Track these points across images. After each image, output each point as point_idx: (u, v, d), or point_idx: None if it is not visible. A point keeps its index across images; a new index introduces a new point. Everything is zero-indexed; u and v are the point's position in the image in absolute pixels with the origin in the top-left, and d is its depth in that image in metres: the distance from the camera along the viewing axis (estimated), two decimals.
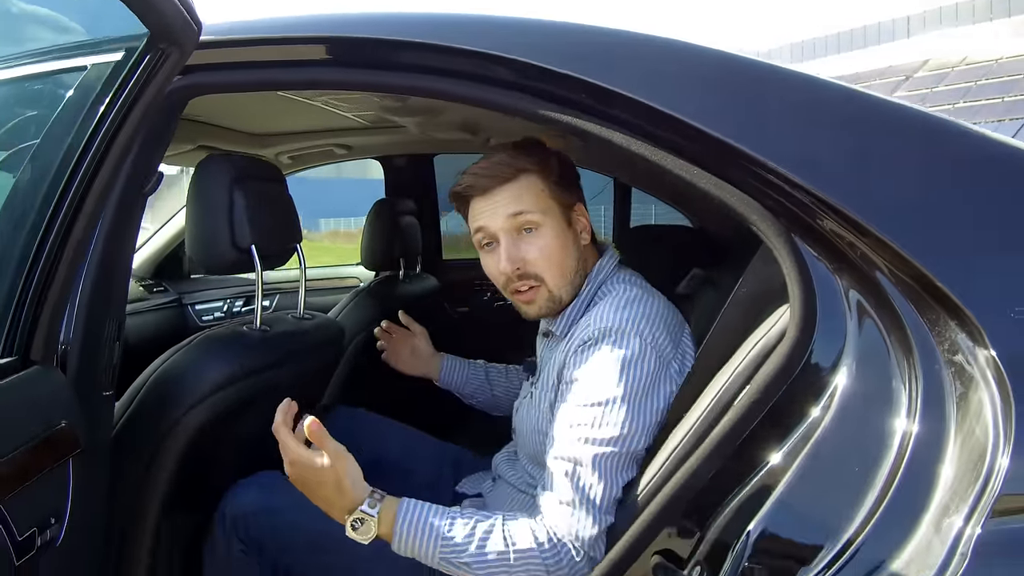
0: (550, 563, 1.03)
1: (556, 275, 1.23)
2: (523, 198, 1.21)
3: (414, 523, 1.06)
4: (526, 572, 1.04)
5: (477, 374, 1.80)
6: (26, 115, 1.29)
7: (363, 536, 1.05)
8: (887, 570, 0.75)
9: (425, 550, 1.05)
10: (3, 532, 0.82)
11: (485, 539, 1.05)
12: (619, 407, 1.07)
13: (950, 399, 0.79)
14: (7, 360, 0.92)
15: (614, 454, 1.06)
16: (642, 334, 1.11)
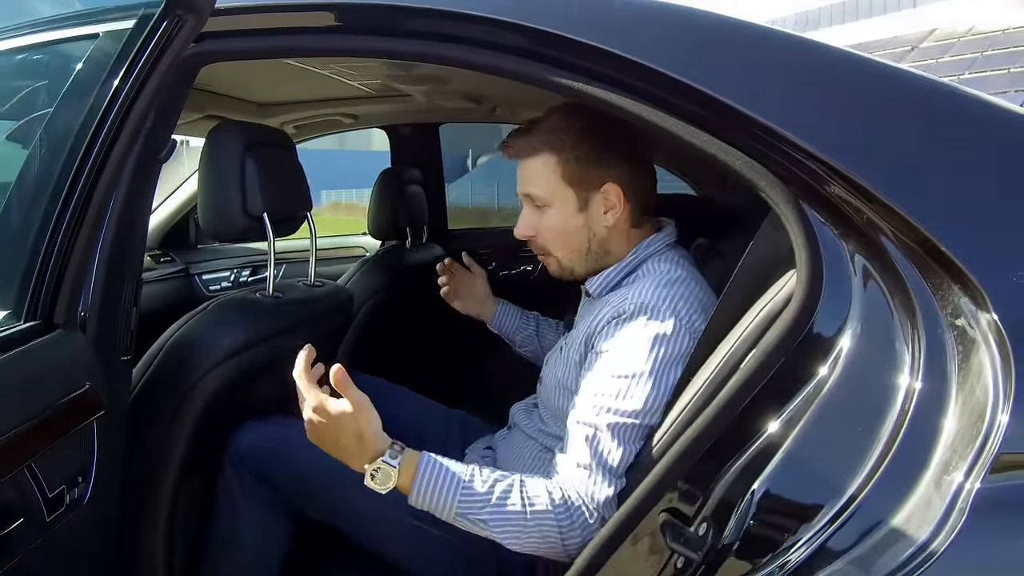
0: (564, 524, 1.06)
1: (561, 251, 1.28)
2: (534, 179, 1.25)
3: (434, 476, 1.07)
4: (539, 532, 1.06)
5: (528, 324, 1.84)
6: (36, 85, 1.30)
7: (381, 486, 1.06)
8: (888, 525, 0.78)
9: (443, 503, 1.07)
10: (35, 488, 0.85)
11: (504, 497, 1.07)
12: (645, 381, 1.09)
13: (952, 360, 0.81)
14: (32, 324, 0.94)
15: (633, 425, 1.08)
16: (678, 313, 1.12)
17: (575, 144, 1.22)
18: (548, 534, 1.06)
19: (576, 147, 1.22)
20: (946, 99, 0.91)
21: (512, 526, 1.06)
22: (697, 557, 0.88)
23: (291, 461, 1.31)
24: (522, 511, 1.06)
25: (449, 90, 2.02)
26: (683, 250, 1.32)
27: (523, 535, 1.06)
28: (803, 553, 0.81)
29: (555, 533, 1.06)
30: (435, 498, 1.07)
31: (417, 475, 1.07)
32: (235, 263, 3.05)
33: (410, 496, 1.08)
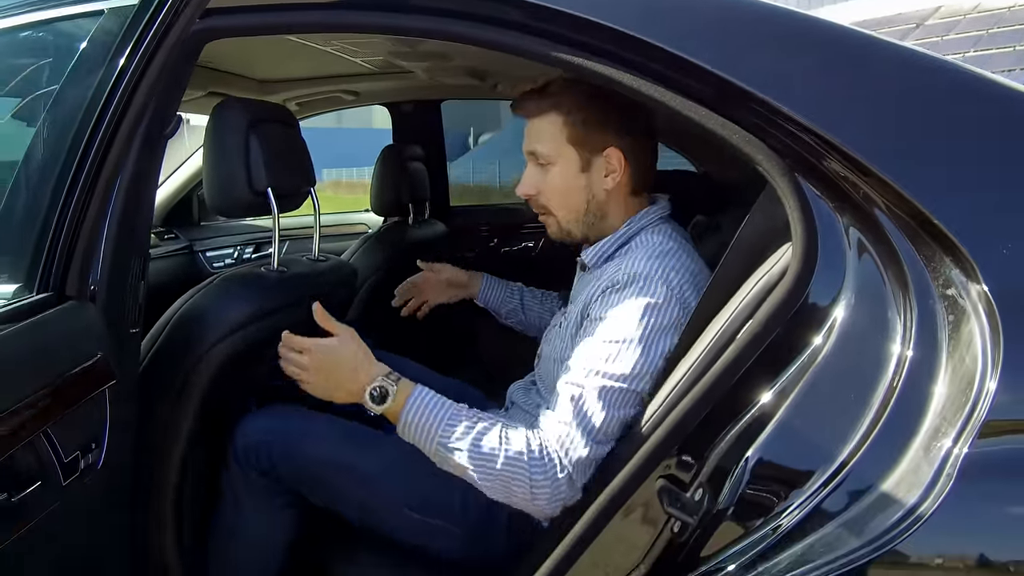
0: (535, 473, 1.09)
1: (561, 211, 1.32)
2: (540, 136, 1.29)
3: (427, 402, 1.14)
4: (510, 475, 1.10)
5: (512, 297, 1.89)
6: (41, 62, 1.30)
7: (379, 405, 1.14)
8: (878, 490, 0.81)
9: (428, 431, 1.13)
10: (51, 453, 0.87)
11: (483, 434, 1.11)
12: (634, 347, 1.11)
13: (943, 330, 0.83)
14: (45, 295, 0.97)
15: (620, 389, 1.10)
16: (670, 283, 1.15)
17: (581, 107, 1.25)
18: (518, 479, 1.09)
19: (582, 110, 1.25)
20: (942, 75, 0.92)
21: (486, 464, 1.10)
22: (693, 521, 0.91)
23: (294, 453, 1.33)
24: (497, 449, 1.10)
25: (451, 67, 2.03)
26: (676, 224, 1.35)
27: (494, 476, 1.10)
28: (795, 517, 0.84)
29: (525, 480, 1.09)
30: (422, 423, 1.13)
31: (410, 398, 1.14)
32: (238, 240, 3.08)
33: (399, 421, 1.15)
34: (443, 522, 1.31)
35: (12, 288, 1.02)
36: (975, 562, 0.78)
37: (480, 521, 1.30)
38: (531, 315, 1.88)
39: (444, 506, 1.30)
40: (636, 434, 1.08)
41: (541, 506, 1.11)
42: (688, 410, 0.94)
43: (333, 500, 1.36)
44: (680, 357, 1.06)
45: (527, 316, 1.88)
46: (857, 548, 0.79)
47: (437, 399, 1.16)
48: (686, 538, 0.92)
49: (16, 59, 1.37)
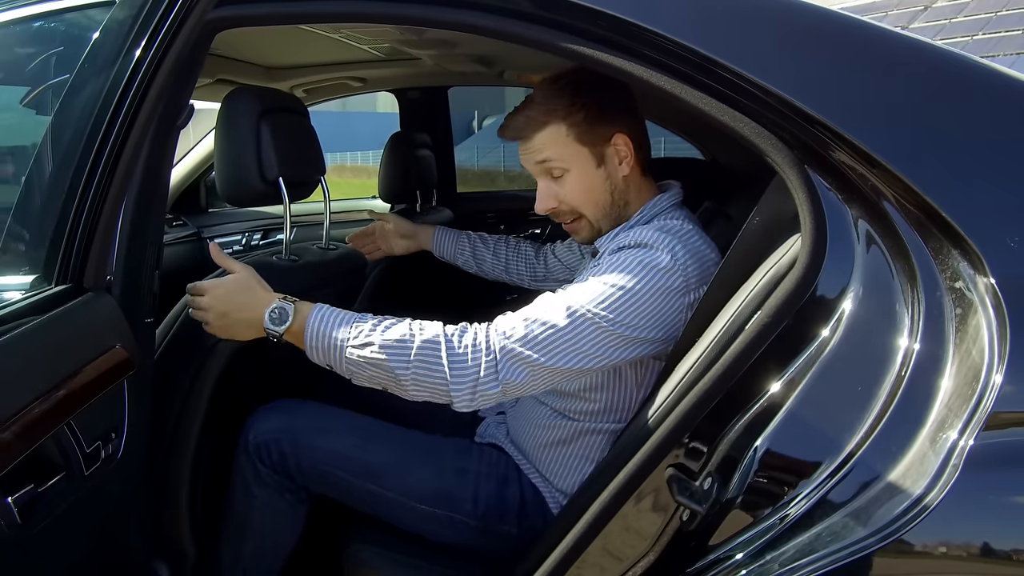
0: (450, 348, 1.08)
1: (591, 209, 1.30)
2: (547, 148, 1.27)
3: (327, 315, 1.13)
4: (425, 363, 1.07)
5: (464, 248, 1.93)
6: (52, 52, 1.31)
7: (280, 326, 1.12)
8: (884, 480, 0.82)
9: (334, 338, 1.10)
10: (73, 443, 0.89)
11: (392, 325, 1.11)
12: (622, 294, 1.11)
13: (950, 323, 0.84)
14: (64, 287, 0.98)
15: (594, 322, 1.09)
16: (675, 253, 1.15)
17: (577, 106, 1.25)
18: (434, 364, 1.07)
19: (579, 108, 1.25)
20: (951, 66, 0.92)
21: (400, 352, 1.08)
22: (702, 510, 0.92)
23: (304, 448, 1.34)
24: (409, 335, 1.09)
25: (459, 54, 2.03)
26: (688, 210, 1.35)
27: (410, 364, 1.07)
28: (803, 506, 0.85)
29: (441, 364, 1.07)
30: (327, 330, 1.11)
31: (311, 314, 1.13)
32: (246, 226, 3.09)
33: (305, 337, 1.12)
34: (453, 513, 1.32)
35: (29, 279, 1.04)
36: (980, 551, 0.79)
37: (490, 512, 1.32)
38: (485, 264, 1.92)
39: (453, 498, 1.32)
40: (645, 422, 1.09)
41: (457, 394, 1.08)
42: (697, 400, 0.95)
43: (343, 493, 1.37)
44: (689, 346, 1.07)
45: (480, 265, 1.92)
46: (864, 537, 0.80)
47: (339, 310, 1.14)
48: (695, 526, 0.94)
49: (26, 48, 1.38)
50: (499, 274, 1.93)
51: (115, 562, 1.12)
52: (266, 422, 1.36)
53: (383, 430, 1.41)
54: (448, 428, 1.46)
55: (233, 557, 1.40)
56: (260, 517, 1.38)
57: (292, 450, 1.34)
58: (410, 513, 1.34)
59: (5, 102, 1.46)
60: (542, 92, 1.27)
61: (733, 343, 0.94)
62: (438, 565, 1.33)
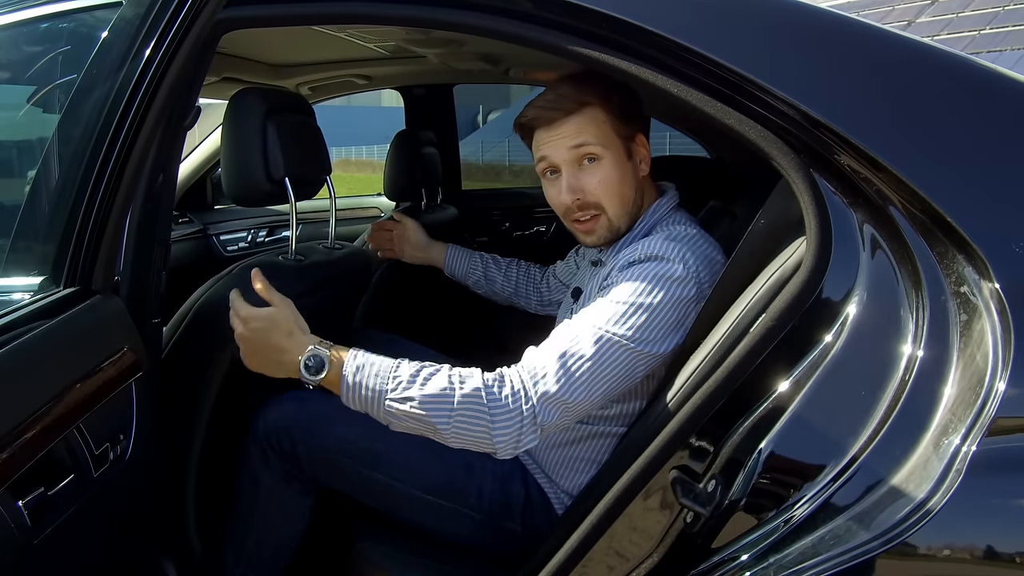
0: (494, 408, 1.05)
1: (615, 204, 1.27)
2: (585, 130, 1.24)
3: (363, 365, 1.09)
4: (467, 413, 1.05)
5: (475, 268, 1.93)
6: (58, 52, 1.31)
7: (315, 376, 1.09)
8: (888, 484, 0.82)
9: (372, 388, 1.07)
10: (82, 446, 0.90)
11: (432, 376, 1.07)
12: (641, 312, 1.10)
13: (954, 328, 0.84)
14: (72, 290, 0.99)
15: (617, 343, 1.08)
16: (686, 262, 1.14)
17: (612, 95, 1.24)
18: (477, 418, 1.05)
19: (614, 97, 1.25)
20: (957, 70, 0.92)
21: (440, 406, 1.05)
22: (706, 512, 0.93)
23: (313, 436, 1.35)
24: (450, 388, 1.05)
25: (465, 52, 2.03)
26: (687, 212, 1.35)
27: (451, 418, 1.05)
28: (807, 509, 0.86)
29: (484, 417, 1.04)
30: (365, 383, 1.08)
31: (347, 362, 1.09)
32: (252, 223, 3.09)
33: (341, 387, 1.09)
34: (458, 506, 1.33)
35: (38, 280, 1.04)
36: (983, 555, 0.80)
37: (495, 507, 1.32)
38: (495, 285, 1.93)
39: (460, 491, 1.33)
40: (650, 424, 1.09)
41: (501, 444, 1.06)
42: (702, 402, 0.95)
43: (350, 483, 1.38)
44: (694, 348, 1.07)
45: (491, 286, 1.93)
46: (867, 541, 0.80)
47: (374, 356, 1.10)
48: (699, 528, 0.94)
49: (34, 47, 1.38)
50: (508, 296, 1.94)
51: (123, 561, 1.13)
52: (278, 410, 1.37)
53: None
54: None
55: (237, 547, 1.41)
56: (266, 506, 1.39)
57: (302, 437, 1.34)
58: (417, 504, 1.34)
59: (13, 101, 1.46)
60: (570, 84, 1.25)
61: (738, 346, 0.95)
62: (444, 564, 1.34)
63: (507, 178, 15.72)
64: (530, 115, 1.28)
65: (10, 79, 1.46)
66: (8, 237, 1.14)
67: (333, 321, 1.68)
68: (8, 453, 0.78)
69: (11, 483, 0.80)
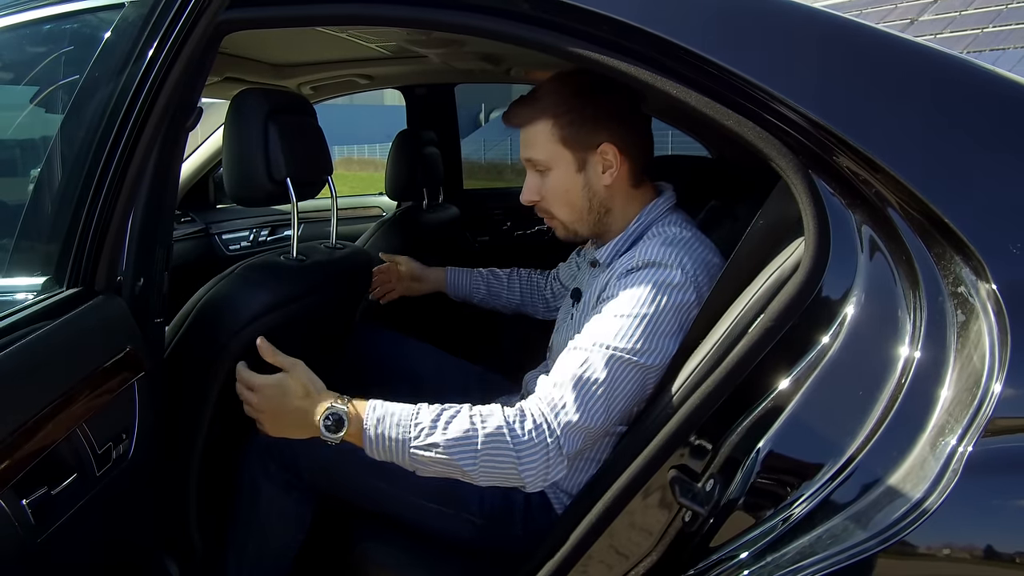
0: (519, 444, 1.06)
1: (564, 212, 1.32)
2: (533, 144, 1.29)
3: (384, 417, 1.09)
4: (493, 452, 1.06)
5: (478, 288, 1.94)
6: (61, 53, 1.32)
7: (335, 432, 1.09)
8: (885, 484, 0.83)
9: (396, 440, 1.08)
10: (85, 445, 0.91)
11: (452, 419, 1.08)
12: (644, 323, 1.11)
13: (951, 328, 0.84)
14: (75, 291, 0.99)
15: (626, 360, 1.10)
16: (684, 268, 1.15)
17: (568, 108, 1.25)
18: (503, 456, 1.06)
19: (570, 111, 1.25)
20: (955, 72, 0.93)
21: (465, 448, 1.06)
22: (704, 511, 0.93)
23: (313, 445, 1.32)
24: (473, 429, 1.06)
25: (466, 52, 2.03)
26: (684, 213, 1.35)
27: (477, 459, 1.06)
28: (804, 508, 0.86)
29: (510, 454, 1.06)
30: (387, 434, 1.08)
31: (366, 416, 1.09)
32: (254, 222, 3.10)
33: (364, 440, 1.09)
34: (459, 511, 1.33)
35: (41, 280, 1.05)
36: (979, 555, 0.80)
37: (496, 511, 1.33)
38: (500, 300, 1.94)
39: (460, 497, 1.33)
40: (650, 422, 1.10)
41: (530, 479, 1.08)
42: (700, 402, 0.96)
43: (350, 491, 1.38)
44: (692, 349, 1.08)
45: (496, 301, 1.94)
46: (864, 540, 0.81)
47: (392, 405, 1.11)
48: (697, 527, 0.95)
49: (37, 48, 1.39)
50: (515, 307, 1.94)
51: (125, 559, 1.13)
52: None
53: None
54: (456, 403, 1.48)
55: (239, 553, 1.41)
56: (266, 513, 1.39)
57: (302, 448, 1.34)
58: (417, 510, 1.35)
59: (16, 102, 1.47)
60: (543, 89, 1.29)
61: (736, 346, 0.95)
62: (447, 563, 1.34)
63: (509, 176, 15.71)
64: (505, 118, 1.35)
65: (13, 79, 1.47)
66: (12, 237, 1.15)
67: (335, 321, 1.69)
68: (12, 453, 0.79)
69: (15, 482, 0.81)
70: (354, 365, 1.76)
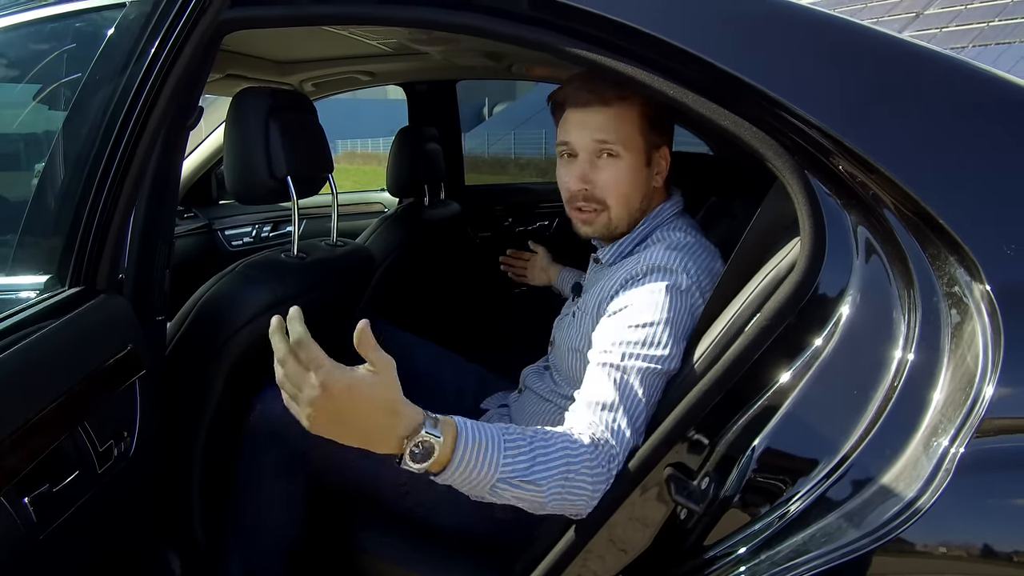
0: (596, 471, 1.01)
1: (619, 205, 1.28)
2: (614, 126, 1.24)
3: (475, 443, 0.93)
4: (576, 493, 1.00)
5: None
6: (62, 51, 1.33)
7: (420, 463, 0.90)
8: (878, 483, 0.83)
9: (483, 473, 0.94)
10: (87, 443, 0.92)
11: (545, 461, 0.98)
12: (664, 329, 1.11)
13: (945, 329, 0.85)
14: (77, 290, 1.00)
15: (657, 371, 1.09)
16: (688, 271, 1.16)
17: (649, 102, 1.25)
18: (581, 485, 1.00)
19: (651, 105, 1.25)
20: (951, 72, 0.93)
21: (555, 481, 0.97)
22: (700, 509, 0.94)
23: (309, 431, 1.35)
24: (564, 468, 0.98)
25: (467, 49, 2.04)
26: (689, 218, 1.36)
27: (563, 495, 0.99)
28: (799, 506, 0.87)
29: (588, 484, 1.00)
30: (476, 467, 0.93)
31: (460, 441, 0.92)
32: (256, 218, 3.11)
33: (448, 468, 0.92)
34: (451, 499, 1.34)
35: (43, 279, 1.06)
36: (972, 553, 0.81)
37: None
38: None
39: None
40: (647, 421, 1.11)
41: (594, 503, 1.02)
42: (697, 400, 0.97)
43: (344, 476, 1.39)
44: (691, 347, 1.09)
45: None
46: (858, 538, 0.82)
47: (482, 432, 0.95)
48: (693, 525, 0.96)
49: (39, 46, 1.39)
50: None
51: (127, 554, 1.15)
52: (275, 405, 1.37)
53: None
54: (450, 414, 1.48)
55: (237, 541, 1.42)
56: (264, 504, 1.40)
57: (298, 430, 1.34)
58: (408, 495, 1.36)
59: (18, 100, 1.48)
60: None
61: (733, 345, 0.96)
62: (442, 553, 1.35)
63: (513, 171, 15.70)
64: (567, 93, 1.28)
65: (16, 78, 1.48)
66: (15, 235, 1.16)
67: (336, 318, 1.70)
68: (15, 451, 0.80)
69: (17, 480, 0.81)
70: (352, 361, 1.77)
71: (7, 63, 1.47)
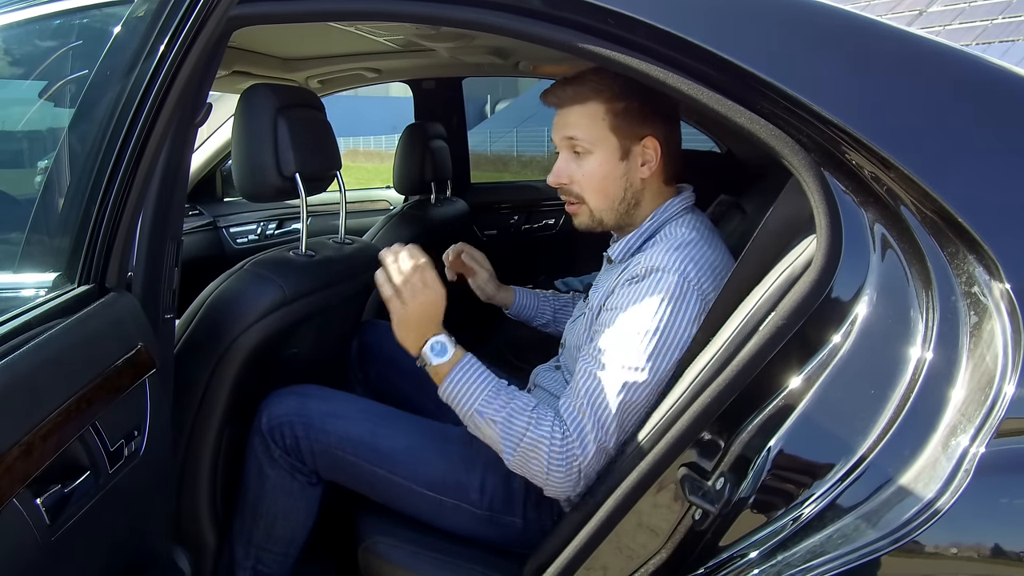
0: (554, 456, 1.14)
1: (596, 199, 1.32)
2: (580, 124, 1.29)
3: (474, 369, 1.21)
4: (531, 452, 1.15)
5: (544, 311, 1.86)
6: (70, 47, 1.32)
7: (436, 358, 1.21)
8: (896, 484, 0.83)
9: (468, 396, 1.19)
10: (98, 443, 0.91)
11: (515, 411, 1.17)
12: (650, 338, 1.13)
13: (964, 328, 0.84)
14: (87, 288, 1.00)
15: (635, 382, 1.13)
16: (687, 276, 1.16)
17: (622, 96, 1.26)
18: (537, 458, 1.15)
19: (623, 98, 1.26)
20: (968, 69, 0.92)
21: (512, 438, 1.16)
22: (714, 509, 0.93)
23: (315, 431, 1.35)
24: (525, 427, 1.15)
25: (475, 46, 2.03)
26: (699, 213, 1.35)
27: (517, 449, 1.16)
28: (815, 507, 0.86)
29: (543, 460, 1.14)
30: (465, 387, 1.20)
31: (462, 359, 1.22)
32: (261, 216, 3.10)
33: (444, 381, 1.21)
34: (459, 502, 1.34)
35: (51, 277, 1.05)
36: (991, 554, 0.80)
37: (496, 501, 1.33)
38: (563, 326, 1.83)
39: (461, 486, 1.34)
40: (658, 423, 1.10)
41: (553, 486, 1.16)
42: (711, 400, 0.96)
43: (352, 478, 1.39)
44: (702, 347, 1.08)
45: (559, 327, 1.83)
46: (875, 540, 0.81)
47: (482, 371, 1.21)
48: (707, 526, 0.95)
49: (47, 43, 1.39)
50: None
51: (137, 555, 1.14)
52: (280, 405, 1.38)
53: (394, 417, 1.43)
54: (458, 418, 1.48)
55: (246, 540, 1.42)
56: (272, 499, 1.39)
57: (304, 433, 1.35)
58: (417, 499, 1.36)
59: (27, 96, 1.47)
60: (596, 73, 1.28)
61: (747, 344, 0.95)
62: (452, 557, 1.35)
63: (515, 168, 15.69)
64: (545, 95, 1.34)
65: (24, 74, 1.47)
66: (23, 233, 1.15)
67: (344, 316, 1.69)
68: (27, 453, 0.79)
69: (30, 482, 0.81)
70: (359, 358, 1.77)
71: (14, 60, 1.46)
